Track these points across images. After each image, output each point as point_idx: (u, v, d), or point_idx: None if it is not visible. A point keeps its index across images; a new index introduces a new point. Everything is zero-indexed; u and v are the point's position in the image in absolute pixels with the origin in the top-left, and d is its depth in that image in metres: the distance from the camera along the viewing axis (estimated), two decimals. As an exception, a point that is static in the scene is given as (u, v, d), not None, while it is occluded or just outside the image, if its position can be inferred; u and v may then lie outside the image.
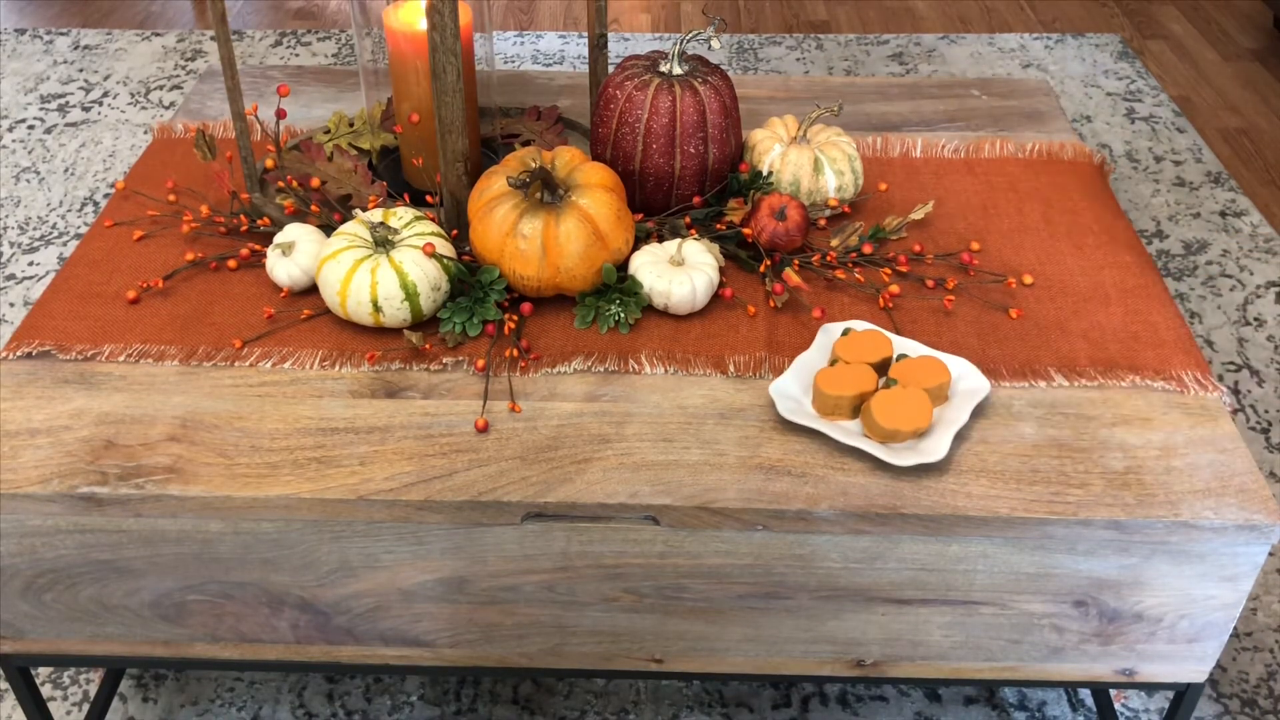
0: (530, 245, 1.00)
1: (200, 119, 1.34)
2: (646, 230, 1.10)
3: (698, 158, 1.10)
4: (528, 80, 1.42)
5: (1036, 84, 1.45)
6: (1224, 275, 1.90)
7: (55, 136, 2.27)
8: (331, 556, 0.93)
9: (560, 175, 1.03)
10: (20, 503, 0.89)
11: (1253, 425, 1.63)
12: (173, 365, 1.00)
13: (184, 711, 1.25)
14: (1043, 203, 1.21)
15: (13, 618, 0.98)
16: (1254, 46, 2.67)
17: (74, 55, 2.57)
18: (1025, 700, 1.27)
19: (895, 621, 0.96)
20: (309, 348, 1.01)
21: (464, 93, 1.03)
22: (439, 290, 1.01)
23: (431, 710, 1.25)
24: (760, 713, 1.25)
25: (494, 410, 0.95)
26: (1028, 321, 1.05)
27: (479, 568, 0.93)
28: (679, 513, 0.89)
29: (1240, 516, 0.87)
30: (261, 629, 0.99)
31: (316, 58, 2.59)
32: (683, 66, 1.10)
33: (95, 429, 0.93)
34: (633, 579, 0.94)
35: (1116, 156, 2.21)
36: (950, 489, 0.89)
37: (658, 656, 1.00)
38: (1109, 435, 0.94)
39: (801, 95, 1.40)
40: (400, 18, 1.11)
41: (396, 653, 1.00)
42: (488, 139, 1.24)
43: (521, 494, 0.89)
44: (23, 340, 1.02)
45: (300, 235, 1.06)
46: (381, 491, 0.89)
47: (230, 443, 0.92)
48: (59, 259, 1.92)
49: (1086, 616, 0.95)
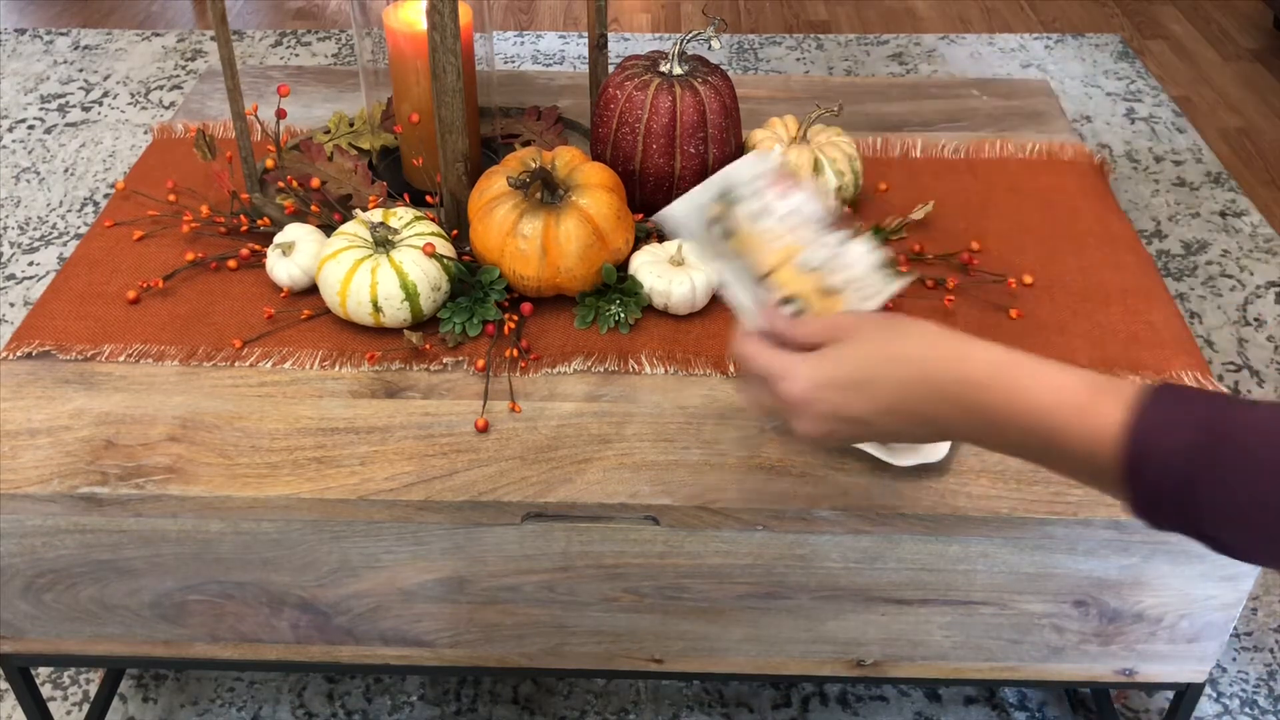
0: (530, 245, 1.00)
1: (200, 119, 1.34)
2: (646, 230, 1.10)
3: (698, 158, 1.10)
4: (528, 80, 1.42)
5: (1036, 84, 1.45)
6: (1224, 275, 1.90)
7: (55, 136, 2.27)
8: (331, 556, 0.93)
9: (560, 175, 1.03)
10: (20, 503, 0.89)
11: (1253, 425, 1.62)
12: (173, 365, 1.00)
13: (184, 711, 1.25)
14: (1043, 203, 1.20)
15: (13, 618, 0.98)
16: (1254, 46, 2.67)
17: (74, 55, 2.57)
18: (1025, 700, 1.27)
19: (895, 621, 0.96)
20: (309, 348, 1.01)
21: (464, 93, 1.03)
22: (439, 290, 1.01)
23: (431, 710, 1.25)
24: (760, 713, 1.25)
25: (494, 410, 0.95)
26: (1028, 321, 1.05)
27: (479, 568, 0.93)
28: (679, 513, 0.89)
29: (1240, 516, 0.87)
30: (261, 629, 0.99)
31: (316, 58, 2.59)
32: (683, 66, 1.10)
33: (95, 429, 0.93)
34: (633, 579, 0.94)
35: (1116, 156, 2.21)
36: (950, 489, 0.89)
37: (658, 656, 1.00)
38: (1109, 435, 0.94)
39: (801, 95, 1.40)
40: (400, 18, 1.11)
41: (396, 653, 1.00)
42: (488, 139, 1.24)
43: (521, 494, 0.89)
44: (23, 340, 1.02)
45: (300, 235, 1.06)
46: (381, 491, 0.89)
47: (230, 443, 0.92)
48: (59, 259, 1.92)
49: (1086, 616, 0.95)
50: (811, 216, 0.80)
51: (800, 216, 0.80)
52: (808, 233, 0.79)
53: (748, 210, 0.79)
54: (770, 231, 0.79)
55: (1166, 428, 0.58)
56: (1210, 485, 0.57)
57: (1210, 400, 0.59)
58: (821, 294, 0.78)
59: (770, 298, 0.78)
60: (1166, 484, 0.58)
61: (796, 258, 0.79)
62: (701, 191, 0.80)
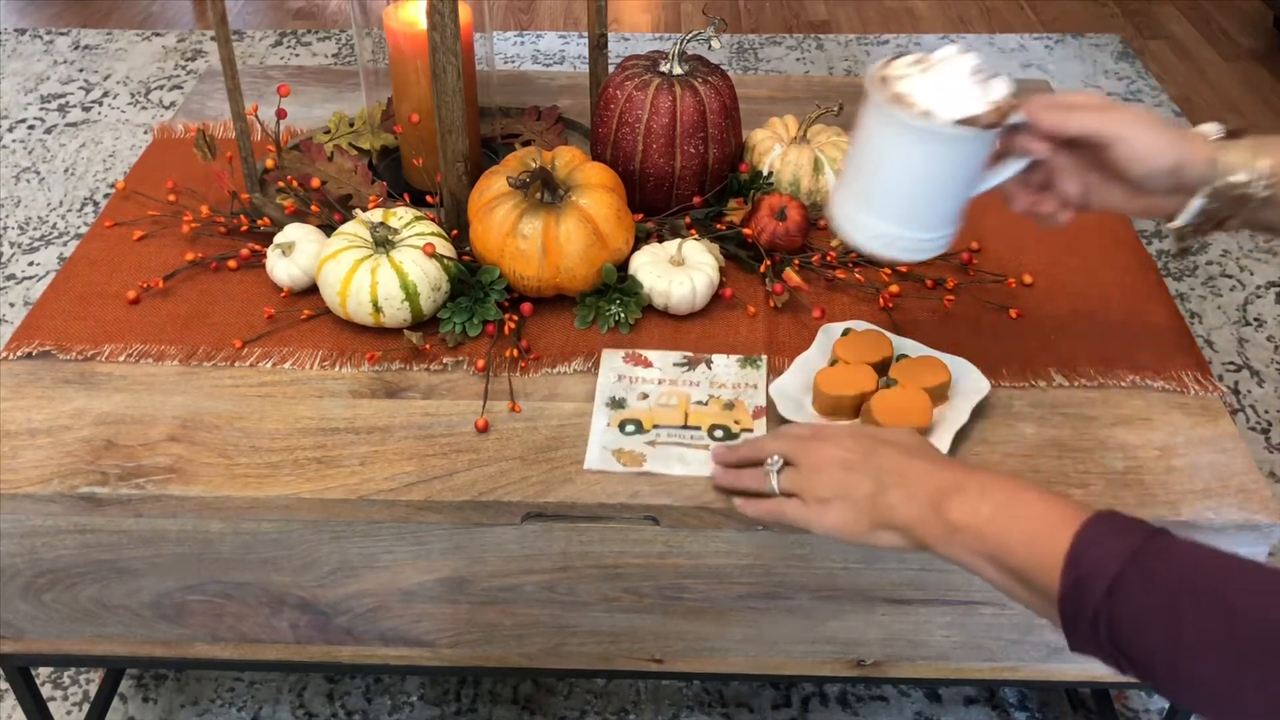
0: (530, 245, 1.00)
1: (200, 119, 1.34)
2: (646, 230, 1.10)
3: (698, 158, 1.10)
4: (528, 80, 1.42)
5: (1036, 84, 1.45)
6: (1224, 275, 1.90)
7: (55, 136, 2.27)
8: (332, 556, 0.93)
9: (560, 175, 1.03)
10: (20, 503, 0.89)
11: (1253, 425, 1.63)
12: (173, 365, 1.00)
13: (184, 711, 1.25)
14: (1043, 203, 1.20)
15: (13, 618, 0.98)
16: (1254, 46, 2.67)
17: (74, 55, 2.57)
18: (1025, 700, 1.27)
19: (895, 621, 0.96)
20: (309, 348, 1.01)
21: (464, 93, 1.03)
22: (439, 290, 1.01)
23: (431, 710, 1.25)
24: (760, 713, 1.25)
25: (494, 410, 0.95)
26: (1028, 321, 1.05)
27: (479, 568, 0.93)
28: (679, 513, 0.89)
29: (1240, 516, 0.87)
30: (261, 629, 0.99)
31: (316, 58, 2.59)
32: (683, 66, 1.10)
33: (95, 429, 0.93)
34: (633, 579, 0.94)
35: (1116, 156, 2.20)
36: (950, 489, 0.89)
37: (658, 656, 1.00)
38: (1109, 435, 0.94)
39: (801, 95, 1.40)
40: (400, 18, 1.11)
41: (396, 653, 1.00)
42: (488, 139, 1.24)
43: (521, 494, 0.89)
44: (23, 340, 1.02)
45: (300, 235, 1.06)
46: (381, 491, 0.89)
47: (230, 443, 0.92)
48: (59, 259, 1.92)
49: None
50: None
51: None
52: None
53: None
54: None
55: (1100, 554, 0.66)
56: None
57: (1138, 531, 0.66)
58: None
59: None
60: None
61: None
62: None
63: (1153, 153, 0.80)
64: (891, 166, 0.81)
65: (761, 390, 0.96)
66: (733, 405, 0.94)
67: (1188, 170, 0.80)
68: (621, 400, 0.94)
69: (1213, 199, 0.81)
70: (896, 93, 0.78)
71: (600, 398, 0.95)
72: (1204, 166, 0.80)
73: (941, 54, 0.80)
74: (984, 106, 0.78)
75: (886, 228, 0.82)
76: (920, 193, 0.82)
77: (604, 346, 1.00)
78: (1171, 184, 0.82)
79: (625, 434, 0.92)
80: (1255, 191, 0.79)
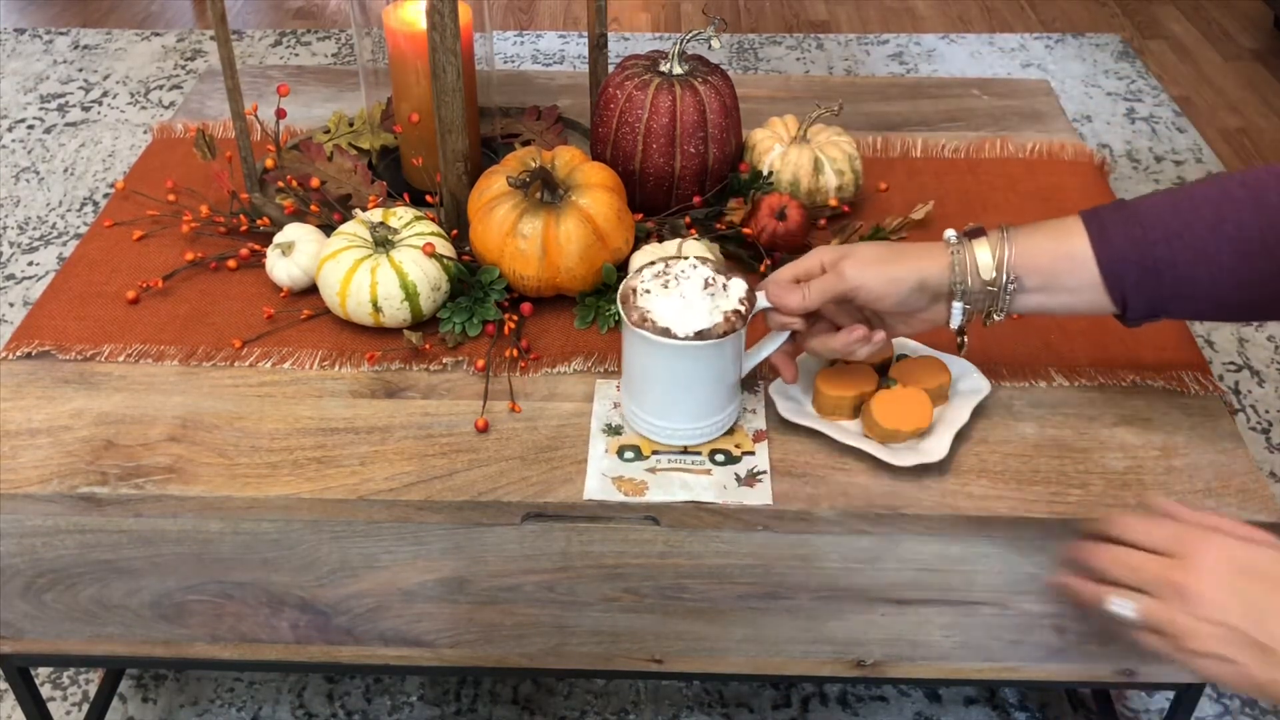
0: (530, 245, 1.00)
1: (200, 119, 1.34)
2: (646, 230, 1.10)
3: (698, 158, 1.10)
4: (528, 80, 1.42)
5: (1036, 84, 1.45)
6: (1224, 275, 1.90)
7: (55, 136, 2.27)
8: (331, 556, 0.93)
9: (560, 175, 1.03)
10: (20, 503, 0.89)
11: (1253, 425, 1.63)
12: (172, 365, 1.00)
13: (184, 711, 1.25)
14: (1043, 203, 1.20)
15: (13, 618, 0.98)
16: (1254, 46, 2.67)
17: (74, 55, 2.57)
18: (1025, 700, 1.27)
19: (896, 622, 0.96)
20: (309, 348, 1.01)
21: (464, 93, 1.03)
22: (439, 290, 1.01)
23: (431, 710, 1.25)
24: (760, 713, 1.25)
25: (494, 410, 0.95)
26: (1028, 321, 1.05)
27: (479, 568, 0.93)
28: (679, 513, 0.89)
29: (1240, 516, 0.87)
30: (261, 629, 0.98)
31: (316, 58, 2.59)
32: (683, 66, 1.10)
33: (95, 429, 0.93)
34: (633, 579, 0.94)
35: (1117, 156, 2.21)
36: (951, 489, 0.89)
37: (658, 656, 1.00)
38: (1109, 435, 0.94)
39: (801, 95, 1.40)
40: (400, 17, 1.11)
41: (396, 653, 1.00)
42: (488, 139, 1.24)
43: (521, 494, 0.89)
44: (23, 340, 1.02)
45: (300, 235, 1.06)
46: (381, 491, 0.89)
47: (230, 443, 0.92)
48: (59, 259, 1.92)
49: (1087, 616, 0.95)
50: None
51: None
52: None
53: None
54: None
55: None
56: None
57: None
58: None
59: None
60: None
61: None
62: None
63: (889, 286, 0.85)
64: (651, 373, 0.89)
65: (761, 415, 0.95)
66: (732, 430, 0.93)
67: (931, 283, 0.86)
68: (618, 427, 0.94)
69: (966, 300, 0.86)
70: (640, 313, 0.85)
71: (596, 424, 0.94)
72: (945, 273, 0.85)
73: (678, 268, 0.88)
74: (719, 318, 0.85)
75: (664, 422, 0.90)
76: (681, 393, 0.89)
77: (598, 379, 0.99)
78: (927, 299, 0.86)
79: (624, 460, 0.91)
80: (999, 286, 0.84)
